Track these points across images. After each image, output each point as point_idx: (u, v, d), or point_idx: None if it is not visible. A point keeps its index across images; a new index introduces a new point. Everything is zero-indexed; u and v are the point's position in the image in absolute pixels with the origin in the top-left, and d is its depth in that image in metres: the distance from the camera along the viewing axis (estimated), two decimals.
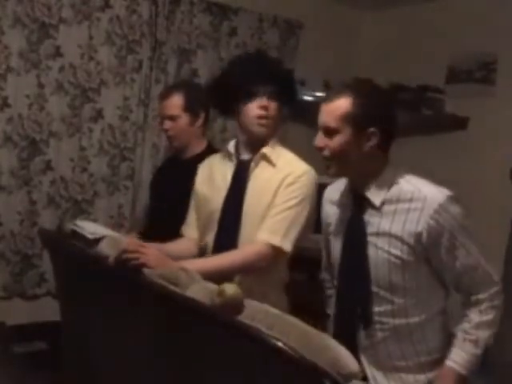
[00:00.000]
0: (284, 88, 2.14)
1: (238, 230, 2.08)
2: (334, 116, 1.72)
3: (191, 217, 2.28)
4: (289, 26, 4.00)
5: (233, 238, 2.08)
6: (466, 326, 1.77)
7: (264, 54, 2.73)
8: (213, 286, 1.59)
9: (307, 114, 1.86)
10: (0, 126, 3.21)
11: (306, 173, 2.10)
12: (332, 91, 1.84)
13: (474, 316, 1.76)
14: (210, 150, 2.72)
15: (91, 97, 3.41)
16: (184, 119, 2.67)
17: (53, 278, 2.57)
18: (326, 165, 1.80)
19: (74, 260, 1.93)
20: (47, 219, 3.35)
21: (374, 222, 1.79)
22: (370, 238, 1.79)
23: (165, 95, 2.75)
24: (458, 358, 1.75)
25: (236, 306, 1.48)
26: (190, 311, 1.45)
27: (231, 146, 2.21)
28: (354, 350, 1.64)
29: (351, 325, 1.85)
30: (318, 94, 3.65)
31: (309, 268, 2.94)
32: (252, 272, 2.03)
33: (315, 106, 1.81)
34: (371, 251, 1.79)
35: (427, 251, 1.75)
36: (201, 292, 1.55)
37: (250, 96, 2.07)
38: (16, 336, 3.34)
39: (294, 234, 2.04)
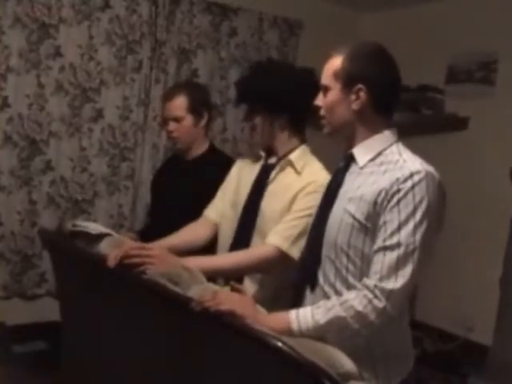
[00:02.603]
0: None
1: (251, 231, 2.09)
2: (327, 74, 1.72)
3: (218, 200, 2.28)
4: (289, 26, 4.01)
5: (247, 238, 2.10)
6: (334, 297, 1.61)
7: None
8: (215, 287, 1.60)
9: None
10: (0, 125, 3.21)
11: None
12: (334, 50, 1.77)
13: (349, 294, 1.57)
14: (213, 151, 2.71)
15: (91, 97, 3.41)
16: (188, 120, 2.63)
17: (53, 278, 2.58)
18: (322, 123, 1.76)
19: (74, 260, 1.93)
20: (47, 219, 3.36)
21: (351, 181, 1.70)
22: (340, 197, 1.70)
23: (168, 96, 2.68)
24: (303, 312, 1.58)
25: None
26: (191, 311, 1.45)
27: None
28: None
29: (302, 287, 1.76)
30: None
31: None
32: (257, 273, 2.03)
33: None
34: (334, 209, 1.70)
35: (378, 218, 1.59)
36: (202, 293, 1.55)
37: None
38: (16, 336, 3.35)
39: (303, 242, 1.98)
